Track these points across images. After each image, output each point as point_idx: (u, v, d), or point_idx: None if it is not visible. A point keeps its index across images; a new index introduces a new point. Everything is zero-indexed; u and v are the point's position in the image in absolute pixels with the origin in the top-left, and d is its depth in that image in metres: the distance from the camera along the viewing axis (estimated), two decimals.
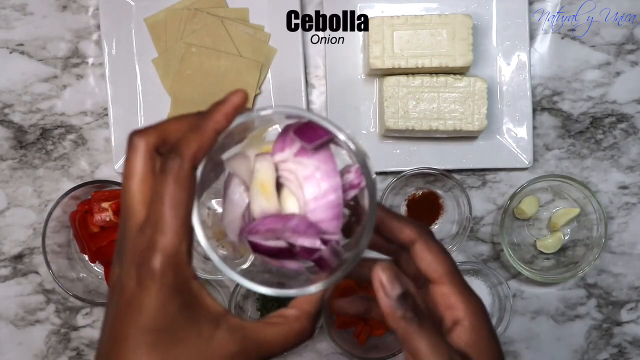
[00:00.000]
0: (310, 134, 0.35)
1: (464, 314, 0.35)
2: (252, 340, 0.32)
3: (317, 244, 0.36)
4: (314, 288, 0.34)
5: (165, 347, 0.30)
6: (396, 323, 0.33)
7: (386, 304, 0.33)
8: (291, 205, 0.36)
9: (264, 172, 0.36)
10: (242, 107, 0.33)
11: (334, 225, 0.36)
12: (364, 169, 0.35)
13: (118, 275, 0.31)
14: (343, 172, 0.37)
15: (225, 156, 0.36)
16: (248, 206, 0.37)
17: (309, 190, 0.36)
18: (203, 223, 0.33)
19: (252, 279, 0.34)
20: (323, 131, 0.35)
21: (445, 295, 0.35)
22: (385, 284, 0.33)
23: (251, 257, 0.38)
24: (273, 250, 0.36)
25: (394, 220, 0.36)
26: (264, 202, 0.36)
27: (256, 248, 0.36)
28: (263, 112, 0.34)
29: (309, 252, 0.36)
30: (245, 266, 0.36)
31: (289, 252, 0.36)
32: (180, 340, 0.30)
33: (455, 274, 0.36)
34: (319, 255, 0.36)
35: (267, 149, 0.37)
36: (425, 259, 0.36)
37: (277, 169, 0.37)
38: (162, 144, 0.32)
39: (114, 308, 0.31)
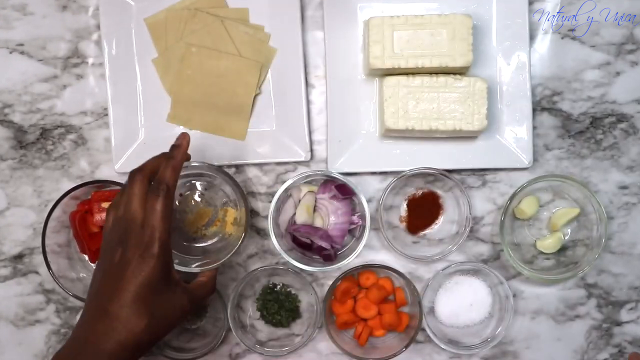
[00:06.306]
0: (343, 190, 0.69)
1: None
2: (192, 294, 0.59)
3: (329, 247, 0.69)
4: (328, 266, 0.69)
5: (151, 296, 0.53)
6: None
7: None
8: (319, 223, 0.71)
9: (309, 201, 0.70)
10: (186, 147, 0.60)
11: (340, 240, 0.71)
12: (363, 216, 0.69)
13: (122, 254, 0.53)
14: (353, 213, 0.71)
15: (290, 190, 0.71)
16: (293, 215, 0.70)
17: (332, 218, 0.70)
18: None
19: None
20: (351, 191, 0.68)
21: None
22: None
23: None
24: (302, 243, 0.70)
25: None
26: (305, 216, 0.70)
27: (294, 239, 0.70)
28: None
29: (322, 249, 0.70)
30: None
31: (310, 246, 0.70)
32: (160, 293, 0.54)
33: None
34: (327, 253, 0.70)
35: (312, 189, 0.71)
36: None
37: (316, 201, 0.71)
38: (152, 174, 0.56)
39: (115, 274, 0.53)
